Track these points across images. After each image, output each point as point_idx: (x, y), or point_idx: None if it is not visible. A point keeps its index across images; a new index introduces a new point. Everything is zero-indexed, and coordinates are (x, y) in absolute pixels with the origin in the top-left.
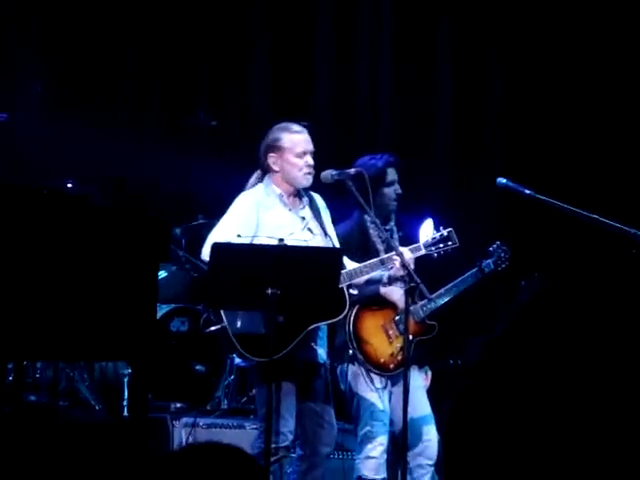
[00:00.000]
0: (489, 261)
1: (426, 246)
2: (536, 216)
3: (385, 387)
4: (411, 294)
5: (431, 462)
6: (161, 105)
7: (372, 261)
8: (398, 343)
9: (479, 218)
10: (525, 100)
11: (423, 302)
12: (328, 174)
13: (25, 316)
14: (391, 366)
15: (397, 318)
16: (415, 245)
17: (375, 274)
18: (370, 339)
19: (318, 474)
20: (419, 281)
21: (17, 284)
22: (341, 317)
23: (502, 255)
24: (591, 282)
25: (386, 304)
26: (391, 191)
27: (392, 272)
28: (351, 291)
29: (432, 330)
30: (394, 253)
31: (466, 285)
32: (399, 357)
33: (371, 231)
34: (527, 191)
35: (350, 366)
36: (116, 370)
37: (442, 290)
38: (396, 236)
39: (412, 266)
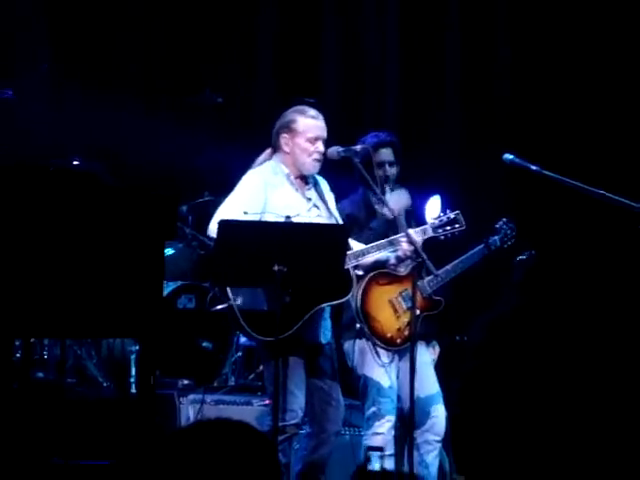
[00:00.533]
0: (495, 238)
1: (433, 228)
2: (542, 192)
3: (392, 362)
4: (418, 269)
5: (438, 438)
6: (167, 82)
7: (380, 242)
8: (405, 318)
9: (486, 194)
10: (533, 73)
11: (430, 277)
12: (334, 150)
13: (32, 293)
14: (398, 341)
15: (404, 293)
16: (422, 227)
17: (382, 255)
18: (377, 314)
19: (326, 451)
20: (425, 257)
21: (24, 261)
22: (347, 298)
23: (508, 232)
24: (596, 258)
25: (393, 279)
26: (380, 173)
27: (400, 253)
28: (357, 272)
29: (439, 305)
30: (402, 235)
31: (472, 261)
32: (406, 332)
33: (376, 207)
34: (533, 167)
35: (357, 342)
36: (123, 347)
37: (448, 266)
38: (403, 213)
39: (419, 246)
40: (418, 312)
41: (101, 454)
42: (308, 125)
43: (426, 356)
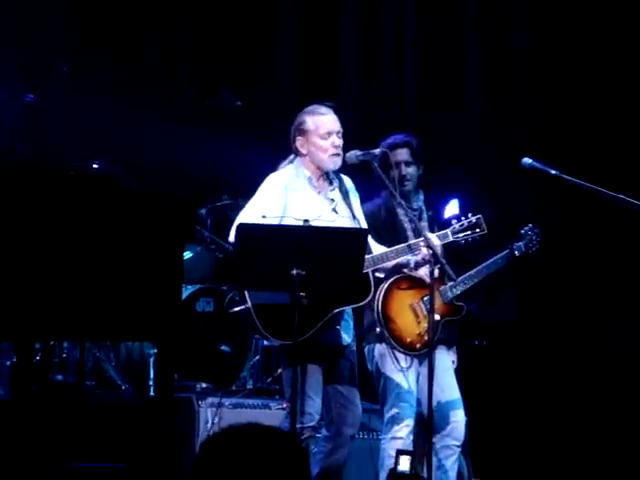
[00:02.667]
0: (520, 244)
1: (454, 233)
2: (562, 196)
3: (411, 367)
4: (440, 275)
5: (458, 443)
6: (187, 86)
7: (399, 246)
8: (425, 323)
9: (505, 198)
10: (553, 72)
11: (452, 283)
12: (353, 155)
13: (52, 296)
14: (417, 346)
15: (425, 298)
16: (442, 232)
17: (402, 259)
18: (397, 318)
19: (342, 455)
20: (444, 262)
21: (44, 265)
22: (365, 302)
23: (534, 238)
24: (616, 261)
25: (415, 283)
26: (395, 173)
27: (419, 257)
28: (377, 274)
29: (460, 311)
30: (422, 239)
31: (496, 267)
32: (426, 337)
33: (399, 210)
34: (553, 171)
35: (377, 346)
36: (142, 350)
37: (472, 271)
38: (425, 216)
39: (439, 250)
40: (439, 317)
41: (119, 457)
42: (317, 122)
43: (447, 361)
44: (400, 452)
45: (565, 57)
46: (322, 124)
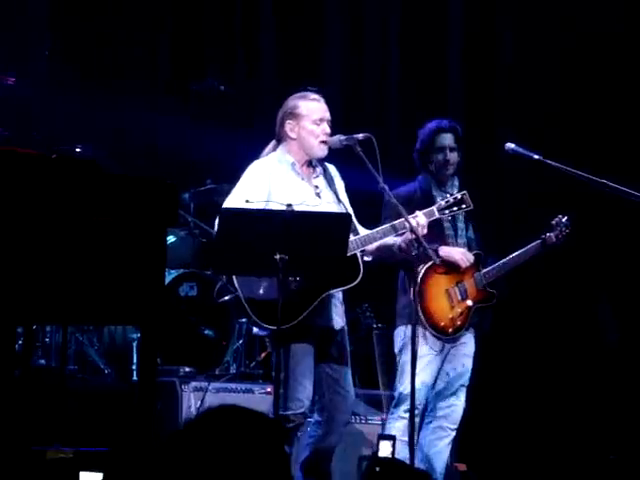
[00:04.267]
0: (552, 234)
1: (439, 209)
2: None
3: (442, 350)
4: (476, 261)
5: (453, 427)
6: (170, 70)
7: (384, 227)
8: (459, 308)
9: (490, 182)
10: (535, 65)
11: (486, 269)
12: (337, 139)
13: (34, 279)
14: (450, 330)
15: (460, 283)
16: (428, 209)
17: (388, 240)
18: (432, 301)
19: (334, 441)
20: (427, 247)
21: (25, 248)
22: (355, 284)
23: (564, 229)
24: (600, 247)
25: (451, 268)
26: (440, 157)
27: (402, 239)
28: (365, 258)
29: (492, 298)
30: (403, 219)
31: (528, 256)
32: (458, 322)
33: (434, 192)
34: (535, 156)
35: (408, 327)
36: (125, 334)
37: (505, 259)
38: None
39: (425, 231)
40: (471, 303)
41: (102, 441)
42: (311, 108)
43: (471, 347)
44: (381, 436)
45: (548, 50)
46: (315, 110)
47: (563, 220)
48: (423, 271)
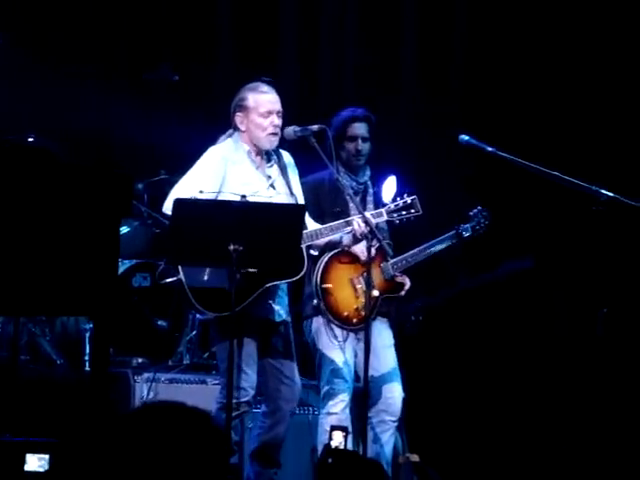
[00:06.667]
0: (467, 225)
1: (388, 212)
2: (498, 173)
3: (346, 340)
4: (382, 251)
5: (394, 418)
6: (125, 59)
7: (336, 222)
8: (363, 298)
9: (442, 175)
10: (489, 54)
11: (394, 260)
12: (291, 130)
13: None
14: (354, 320)
15: (365, 274)
16: (377, 211)
17: (336, 236)
18: (336, 291)
19: (281, 430)
20: (381, 238)
21: None
22: (298, 277)
23: (482, 221)
24: (553, 239)
25: (356, 258)
26: (351, 146)
27: (350, 235)
28: (311, 252)
29: (400, 288)
30: (358, 215)
31: (441, 247)
32: (363, 312)
33: (345, 182)
34: (489, 148)
35: (314, 319)
36: (77, 325)
37: (416, 250)
38: (370, 191)
39: (374, 226)
40: (378, 293)
41: (54, 432)
42: (259, 100)
43: (388, 338)
44: (334, 428)
45: (501, 38)
46: (263, 102)
47: (482, 212)
48: (326, 260)
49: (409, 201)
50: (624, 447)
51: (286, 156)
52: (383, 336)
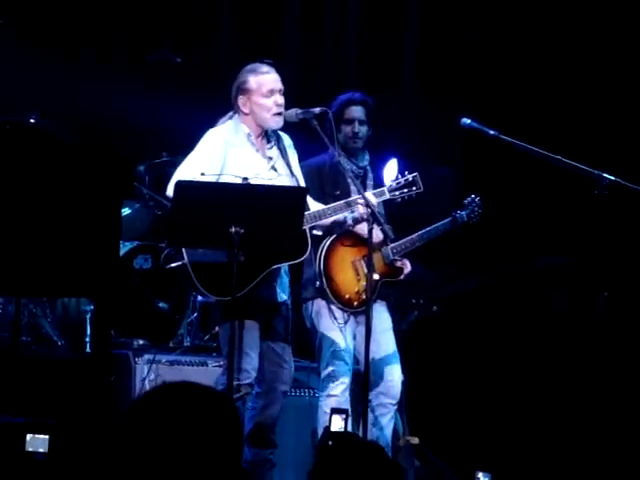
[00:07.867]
0: (463, 213)
1: (390, 190)
2: (500, 157)
3: (347, 323)
4: (384, 235)
5: (394, 402)
6: (126, 41)
7: (337, 203)
8: (365, 281)
9: (444, 158)
10: (493, 40)
11: (394, 244)
12: (293, 112)
13: None
14: (355, 303)
15: (367, 257)
16: (379, 189)
17: (339, 216)
18: (338, 274)
19: (275, 411)
20: (382, 221)
21: None
22: (302, 259)
23: (476, 209)
24: (554, 223)
25: (358, 241)
26: (348, 129)
27: (356, 214)
28: (315, 232)
29: (400, 273)
30: (359, 196)
31: (438, 233)
32: (364, 295)
33: (346, 166)
34: (491, 132)
35: (315, 301)
36: (79, 306)
37: (414, 235)
38: (370, 175)
39: (376, 208)
40: (378, 277)
41: (55, 413)
42: (260, 81)
43: (387, 322)
44: (334, 410)
45: (505, 23)
46: (264, 83)
47: (476, 200)
48: (328, 243)
49: (410, 178)
50: (626, 431)
51: (286, 138)
52: (382, 319)
